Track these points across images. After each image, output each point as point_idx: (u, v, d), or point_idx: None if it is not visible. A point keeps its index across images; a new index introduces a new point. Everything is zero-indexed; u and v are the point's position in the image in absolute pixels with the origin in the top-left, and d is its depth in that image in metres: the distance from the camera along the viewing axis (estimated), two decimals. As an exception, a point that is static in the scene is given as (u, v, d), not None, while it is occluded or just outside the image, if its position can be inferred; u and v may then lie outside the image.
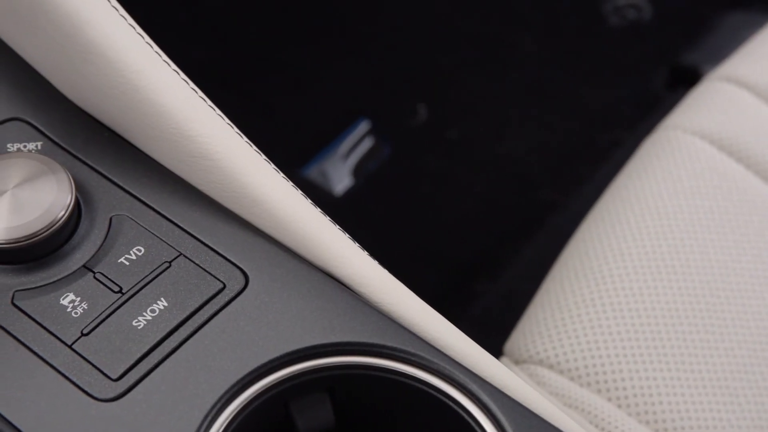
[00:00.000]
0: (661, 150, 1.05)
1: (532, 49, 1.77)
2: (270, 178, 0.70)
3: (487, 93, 1.73)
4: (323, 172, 1.64)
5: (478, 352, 0.67)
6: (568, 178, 1.65)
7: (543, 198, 1.63)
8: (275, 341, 0.65)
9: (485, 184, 1.64)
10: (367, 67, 1.75)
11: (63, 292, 0.66)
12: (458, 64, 1.75)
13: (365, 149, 1.67)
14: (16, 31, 0.76)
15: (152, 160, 0.73)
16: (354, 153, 1.67)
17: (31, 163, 0.69)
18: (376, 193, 1.65)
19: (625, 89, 1.75)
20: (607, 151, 1.66)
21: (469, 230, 1.60)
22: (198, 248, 0.69)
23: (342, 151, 1.66)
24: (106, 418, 0.61)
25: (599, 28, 1.81)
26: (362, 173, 1.66)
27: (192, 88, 0.72)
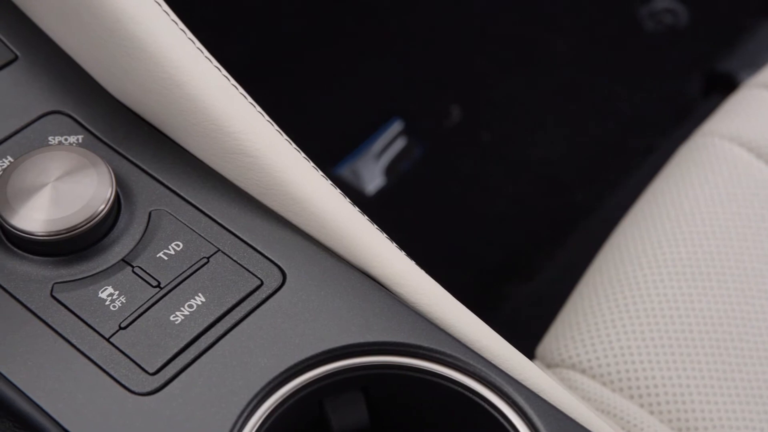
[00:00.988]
0: (697, 156, 1.05)
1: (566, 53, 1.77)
2: (309, 176, 0.70)
3: (521, 95, 1.73)
4: (355, 171, 1.64)
5: (514, 355, 0.67)
6: (600, 182, 1.65)
7: (575, 202, 1.62)
8: (311, 339, 0.65)
9: (517, 187, 1.64)
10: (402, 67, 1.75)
11: (102, 285, 0.66)
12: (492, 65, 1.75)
13: (398, 149, 1.67)
14: (60, 25, 0.76)
15: (191, 156, 0.74)
16: (386, 153, 1.67)
17: (72, 157, 0.69)
18: (407, 194, 1.65)
19: (659, 95, 1.74)
20: (640, 156, 1.66)
21: (501, 232, 1.60)
22: (236, 244, 0.69)
23: (375, 150, 1.67)
24: (142, 412, 0.62)
25: (635, 33, 1.80)
26: (394, 173, 1.66)
27: (233, 84, 0.72)
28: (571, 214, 1.61)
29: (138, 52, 0.71)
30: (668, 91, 1.74)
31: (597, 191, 1.63)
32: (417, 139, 1.69)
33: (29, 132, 0.73)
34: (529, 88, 1.73)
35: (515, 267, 1.55)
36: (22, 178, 0.68)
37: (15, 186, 0.67)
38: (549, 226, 1.60)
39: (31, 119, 0.74)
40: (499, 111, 1.72)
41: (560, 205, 1.63)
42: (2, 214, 0.67)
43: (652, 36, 1.80)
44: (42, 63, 0.76)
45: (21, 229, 0.66)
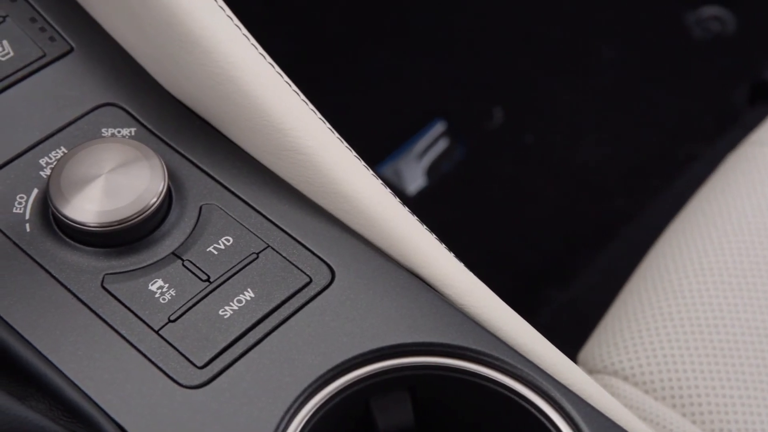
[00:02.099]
0: (745, 166, 1.04)
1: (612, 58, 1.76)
2: (360, 175, 0.70)
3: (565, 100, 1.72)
4: (397, 171, 1.64)
5: (561, 359, 0.67)
6: (642, 189, 1.64)
7: (616, 208, 1.62)
8: (360, 338, 0.65)
9: (558, 191, 1.63)
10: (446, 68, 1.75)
11: (152, 277, 0.67)
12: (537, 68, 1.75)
13: (440, 150, 1.67)
14: (115, 17, 0.77)
15: (243, 152, 0.74)
16: (428, 153, 1.67)
17: (126, 149, 0.69)
18: (448, 195, 1.65)
19: (704, 102, 1.73)
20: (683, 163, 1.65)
21: (540, 236, 1.60)
22: (286, 241, 0.69)
23: (417, 150, 1.67)
24: (190, 405, 0.62)
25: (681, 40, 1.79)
26: (436, 174, 1.65)
27: (286, 81, 0.72)
28: (611, 219, 1.60)
29: (193, 46, 0.71)
30: (714, 98, 1.73)
31: (638, 198, 1.62)
32: (459, 140, 1.69)
33: (83, 123, 0.74)
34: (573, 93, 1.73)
35: (554, 271, 1.55)
36: (75, 169, 0.68)
37: (68, 177, 0.68)
38: (589, 232, 1.59)
39: (85, 111, 0.74)
40: (543, 114, 1.71)
41: (601, 210, 1.62)
42: (55, 204, 0.67)
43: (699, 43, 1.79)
44: (97, 55, 0.77)
45: (73, 220, 0.67)
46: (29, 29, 0.76)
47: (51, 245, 0.68)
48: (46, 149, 0.72)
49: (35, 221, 0.69)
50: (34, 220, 0.69)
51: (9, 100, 0.73)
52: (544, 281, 1.53)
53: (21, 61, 0.75)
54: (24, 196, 0.70)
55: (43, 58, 0.76)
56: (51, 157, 0.72)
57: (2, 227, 0.68)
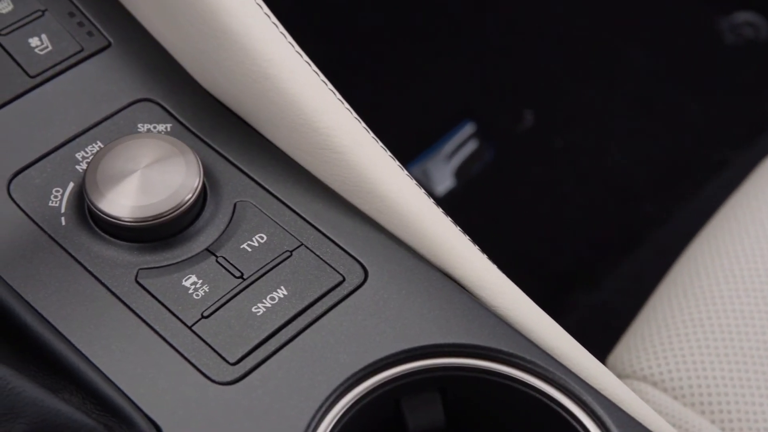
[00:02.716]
0: (779, 172, 1.04)
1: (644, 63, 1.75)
2: (395, 175, 0.70)
3: (595, 103, 1.72)
4: (425, 172, 1.64)
5: (592, 363, 0.67)
6: (672, 194, 1.63)
7: (645, 212, 1.61)
8: (392, 338, 0.65)
9: (587, 195, 1.63)
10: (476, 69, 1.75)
11: (186, 273, 0.67)
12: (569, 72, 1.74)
13: (469, 152, 1.67)
14: (153, 14, 0.77)
15: (277, 149, 0.74)
16: (457, 155, 1.66)
17: (162, 145, 0.70)
18: (476, 196, 1.64)
19: (735, 108, 1.72)
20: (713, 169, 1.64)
21: (568, 240, 1.59)
22: (319, 240, 0.69)
23: (445, 151, 1.66)
24: (222, 401, 0.62)
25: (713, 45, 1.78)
26: (464, 175, 1.65)
27: (322, 80, 0.73)
28: (640, 224, 1.59)
29: (230, 43, 0.71)
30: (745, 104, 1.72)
31: (668, 203, 1.61)
32: (489, 142, 1.68)
33: (119, 118, 0.74)
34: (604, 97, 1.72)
35: (581, 276, 1.54)
36: (111, 164, 0.69)
37: (104, 171, 0.68)
38: (617, 236, 1.59)
39: (122, 106, 0.74)
40: (573, 118, 1.71)
41: (629, 215, 1.62)
42: (91, 199, 0.67)
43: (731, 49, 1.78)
44: (134, 51, 0.77)
45: (108, 214, 0.67)
46: (67, 24, 0.77)
47: (86, 239, 0.68)
48: (83, 143, 0.72)
49: (70, 215, 0.69)
50: (69, 213, 0.69)
51: (46, 94, 0.74)
52: (571, 285, 1.53)
53: (59, 55, 0.75)
54: (60, 189, 0.70)
55: (81, 53, 0.76)
56: (87, 152, 0.72)
57: (38, 220, 0.69)
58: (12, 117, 0.73)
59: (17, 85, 0.74)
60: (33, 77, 0.74)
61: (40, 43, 0.75)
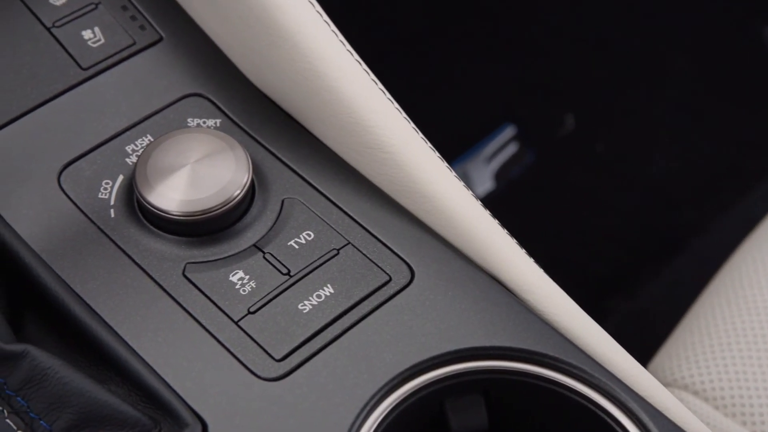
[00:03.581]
0: (826, 184, 1.03)
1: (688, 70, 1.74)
2: (443, 176, 0.70)
3: (638, 109, 1.71)
4: (465, 174, 1.64)
5: (639, 371, 0.66)
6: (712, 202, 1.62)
7: (686, 220, 1.60)
8: (437, 339, 0.65)
9: (627, 201, 1.62)
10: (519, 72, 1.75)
11: (233, 268, 0.67)
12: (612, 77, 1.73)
13: (509, 154, 1.67)
14: (205, 9, 0.77)
15: (326, 147, 0.74)
16: (497, 157, 1.66)
17: (212, 140, 0.70)
18: (515, 199, 1.64)
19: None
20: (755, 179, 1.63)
21: (608, 246, 1.58)
22: (366, 239, 0.69)
23: (486, 154, 1.66)
24: (267, 397, 0.62)
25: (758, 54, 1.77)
26: (504, 178, 1.65)
27: (372, 79, 0.73)
28: (680, 232, 1.58)
29: (282, 41, 0.72)
30: (789, 114, 1.71)
31: (708, 211, 1.60)
32: (529, 145, 1.68)
33: (169, 112, 0.74)
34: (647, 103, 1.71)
35: (620, 282, 1.53)
36: (162, 158, 0.69)
37: (155, 165, 0.69)
38: (656, 243, 1.58)
39: (172, 100, 0.75)
40: (615, 123, 1.70)
41: (670, 222, 1.61)
42: (141, 191, 0.68)
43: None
44: (185, 45, 0.77)
45: (157, 207, 0.67)
46: (120, 17, 0.77)
47: (134, 232, 0.69)
48: (133, 136, 0.73)
49: (120, 207, 0.70)
50: (118, 206, 0.70)
51: (98, 87, 0.74)
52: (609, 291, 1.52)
53: (111, 48, 0.76)
54: (109, 181, 0.70)
55: (133, 46, 0.76)
56: (137, 145, 0.72)
57: (87, 212, 0.69)
58: (64, 109, 0.73)
59: (70, 77, 0.74)
60: (85, 69, 0.75)
61: (93, 35, 0.76)
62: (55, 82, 0.74)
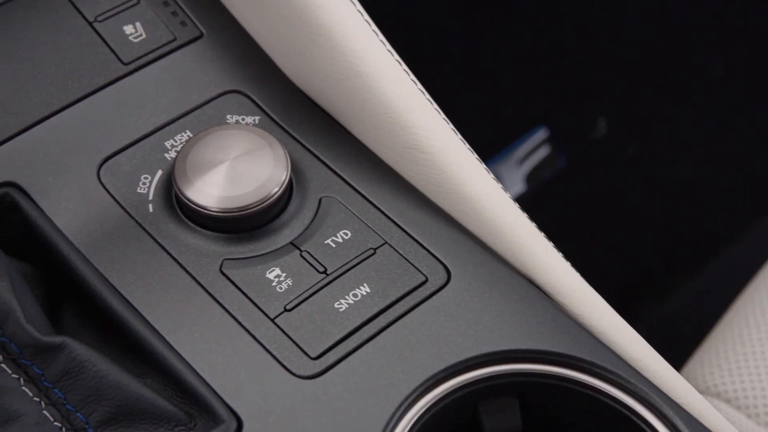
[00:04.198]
0: None
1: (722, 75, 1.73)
2: (481, 178, 0.70)
3: (671, 114, 1.70)
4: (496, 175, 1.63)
5: (675, 377, 0.66)
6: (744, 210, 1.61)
7: (718, 227, 1.59)
8: (473, 340, 0.65)
9: (659, 206, 1.61)
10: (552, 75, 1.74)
11: (270, 266, 0.67)
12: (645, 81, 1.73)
13: (541, 157, 1.66)
14: (246, 6, 0.78)
15: (364, 146, 0.74)
16: (529, 159, 1.66)
17: (252, 137, 0.70)
18: (546, 202, 1.63)
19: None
20: (788, 186, 1.62)
21: (638, 251, 1.58)
22: (403, 239, 0.69)
23: (517, 156, 1.66)
24: (302, 395, 0.62)
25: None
26: (535, 181, 1.64)
27: (412, 79, 0.72)
28: (711, 239, 1.57)
29: (323, 40, 0.72)
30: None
31: (740, 219, 1.59)
32: (561, 148, 1.67)
33: (208, 109, 0.74)
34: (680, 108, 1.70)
35: (650, 288, 1.53)
36: (201, 154, 0.69)
37: (194, 160, 0.69)
38: (688, 249, 1.57)
39: (211, 96, 0.75)
40: (647, 128, 1.69)
41: (701, 229, 1.60)
42: (179, 187, 0.68)
43: (813, 64, 1.75)
44: (225, 42, 0.78)
45: (196, 203, 0.68)
46: (161, 13, 0.77)
47: (172, 227, 0.69)
48: (172, 132, 0.73)
49: (158, 202, 0.70)
50: (156, 200, 0.70)
51: (138, 81, 0.75)
52: (639, 296, 1.52)
53: (152, 43, 0.76)
54: (148, 176, 0.71)
55: (174, 42, 0.77)
56: (176, 140, 0.73)
57: (126, 206, 0.69)
58: (104, 103, 0.73)
59: (111, 71, 0.75)
60: (126, 64, 0.75)
61: (134, 30, 0.76)
62: (96, 77, 0.74)
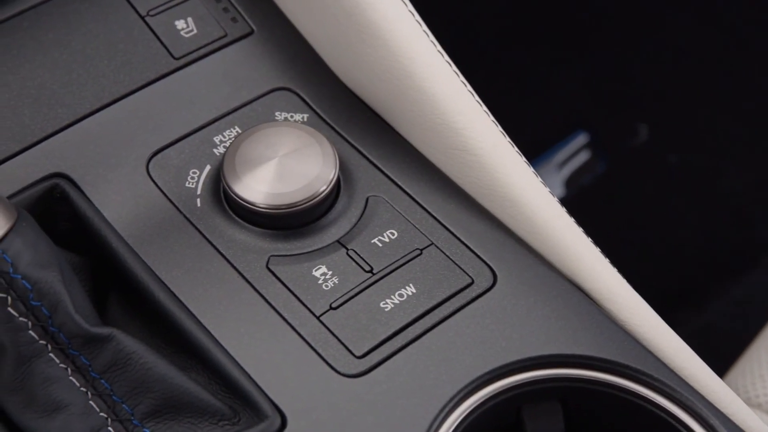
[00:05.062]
0: None
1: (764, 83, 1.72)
2: (529, 181, 0.70)
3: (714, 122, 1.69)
4: (536, 179, 1.63)
5: (722, 388, 0.65)
6: (786, 221, 1.60)
7: (758, 238, 1.58)
8: (518, 344, 0.65)
9: (699, 215, 1.60)
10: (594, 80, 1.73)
11: (316, 263, 0.67)
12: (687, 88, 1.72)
13: (580, 162, 1.65)
14: (296, 4, 0.78)
15: (411, 147, 0.74)
16: (569, 164, 1.65)
17: (301, 135, 0.70)
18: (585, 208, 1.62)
19: None
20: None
21: (677, 259, 1.57)
22: (450, 240, 0.69)
23: (557, 160, 1.65)
24: (346, 393, 0.62)
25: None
26: (574, 186, 1.64)
27: (462, 81, 0.72)
28: (752, 249, 1.56)
29: (373, 39, 0.72)
30: None
31: (784, 230, 1.58)
32: (601, 154, 1.67)
33: (257, 105, 0.75)
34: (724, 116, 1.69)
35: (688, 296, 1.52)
36: (250, 150, 0.69)
37: (243, 156, 0.69)
38: (728, 259, 1.56)
39: (261, 93, 0.75)
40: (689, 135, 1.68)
41: (742, 239, 1.59)
42: (228, 182, 0.68)
43: None
44: (275, 39, 0.78)
45: (244, 199, 0.68)
46: (213, 8, 0.78)
47: (220, 222, 0.69)
48: (221, 127, 0.73)
49: (206, 197, 0.70)
50: (204, 195, 0.70)
51: (189, 77, 0.75)
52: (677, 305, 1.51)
53: (203, 39, 0.76)
54: (197, 171, 0.71)
55: (225, 38, 0.77)
56: (225, 136, 0.73)
57: (174, 200, 0.70)
58: (154, 97, 0.74)
59: (161, 65, 0.75)
60: (177, 59, 0.75)
61: (185, 26, 0.77)
62: (147, 71, 0.74)
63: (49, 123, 0.71)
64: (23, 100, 0.72)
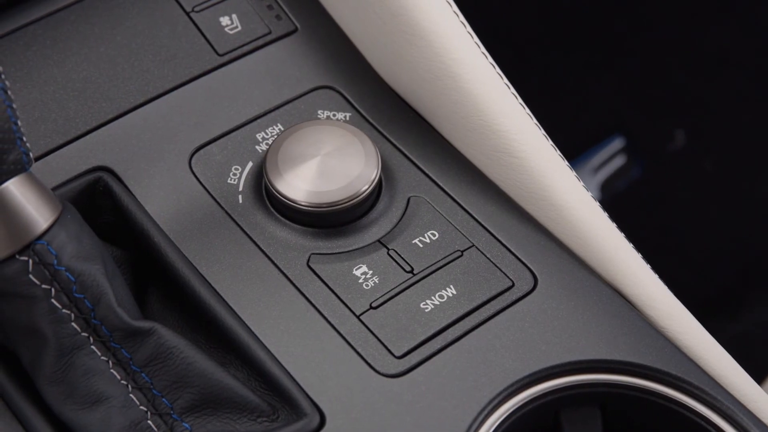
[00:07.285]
0: None
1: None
2: (572, 185, 0.70)
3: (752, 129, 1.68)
4: (571, 183, 1.62)
5: (762, 396, 0.65)
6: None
7: (796, 246, 1.57)
8: (558, 348, 0.64)
9: (736, 222, 1.59)
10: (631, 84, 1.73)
11: (357, 262, 0.67)
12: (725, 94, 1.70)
13: (616, 166, 1.65)
14: (340, 3, 0.78)
15: (453, 148, 0.74)
16: (604, 168, 1.64)
17: (344, 134, 0.70)
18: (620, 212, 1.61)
19: None
20: None
21: (713, 266, 1.56)
22: (491, 243, 0.69)
23: (593, 164, 1.64)
24: (385, 393, 0.62)
25: None
26: (610, 190, 1.63)
27: (505, 83, 0.72)
28: (788, 258, 1.55)
29: (418, 39, 0.72)
30: None
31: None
32: (637, 158, 1.66)
33: (300, 103, 0.75)
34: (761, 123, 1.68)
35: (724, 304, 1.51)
36: (293, 147, 0.69)
37: (285, 154, 0.69)
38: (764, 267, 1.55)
39: (304, 91, 0.75)
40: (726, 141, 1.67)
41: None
42: (270, 179, 0.68)
43: None
44: (319, 38, 0.78)
45: (286, 196, 0.68)
46: (257, 6, 0.78)
47: (261, 218, 0.69)
48: (264, 125, 0.73)
49: (248, 193, 0.70)
50: (246, 192, 0.70)
51: (233, 73, 0.75)
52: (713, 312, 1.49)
53: (247, 36, 0.77)
54: (239, 167, 0.71)
55: (268, 35, 0.77)
56: (267, 133, 0.73)
57: (216, 196, 0.70)
58: (198, 93, 0.74)
59: (205, 61, 0.75)
60: (221, 55, 0.76)
61: (230, 22, 0.77)
62: (191, 66, 0.75)
63: (93, 116, 0.72)
64: (68, 93, 0.72)
